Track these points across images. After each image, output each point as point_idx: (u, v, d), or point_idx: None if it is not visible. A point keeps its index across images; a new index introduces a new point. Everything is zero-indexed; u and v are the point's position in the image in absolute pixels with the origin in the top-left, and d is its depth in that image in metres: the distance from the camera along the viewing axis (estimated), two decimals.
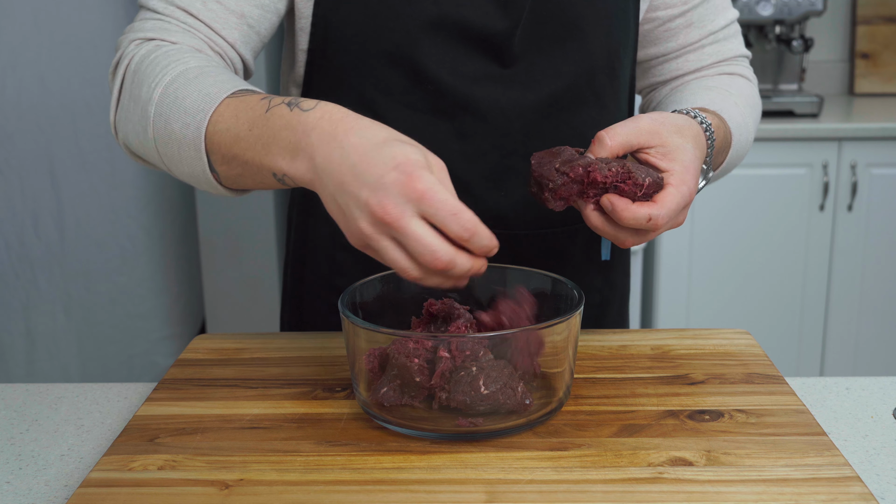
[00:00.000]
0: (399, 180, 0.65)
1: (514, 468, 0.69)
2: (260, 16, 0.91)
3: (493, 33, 0.92)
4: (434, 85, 0.92)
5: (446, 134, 0.94)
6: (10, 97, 2.06)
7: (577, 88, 0.95)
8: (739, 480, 0.66)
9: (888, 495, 0.69)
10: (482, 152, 0.95)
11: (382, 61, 0.92)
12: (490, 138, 0.94)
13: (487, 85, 0.93)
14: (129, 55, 0.86)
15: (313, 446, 0.72)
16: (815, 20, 2.73)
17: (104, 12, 2.09)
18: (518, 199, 0.96)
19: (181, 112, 0.78)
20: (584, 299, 0.77)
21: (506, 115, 0.94)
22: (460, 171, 0.94)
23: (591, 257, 1.02)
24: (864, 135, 2.29)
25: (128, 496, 0.66)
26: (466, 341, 0.72)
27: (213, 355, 0.91)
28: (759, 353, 0.89)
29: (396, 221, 0.65)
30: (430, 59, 0.91)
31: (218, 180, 0.80)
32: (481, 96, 0.93)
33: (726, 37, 1.06)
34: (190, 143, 0.78)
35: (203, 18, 0.88)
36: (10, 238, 2.13)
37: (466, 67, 0.93)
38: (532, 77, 0.94)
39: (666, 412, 0.77)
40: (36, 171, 2.11)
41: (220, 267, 2.24)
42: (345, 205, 0.68)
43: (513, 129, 0.95)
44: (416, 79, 0.92)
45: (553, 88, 0.94)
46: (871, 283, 2.38)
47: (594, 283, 1.03)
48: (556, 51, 0.94)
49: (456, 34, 0.92)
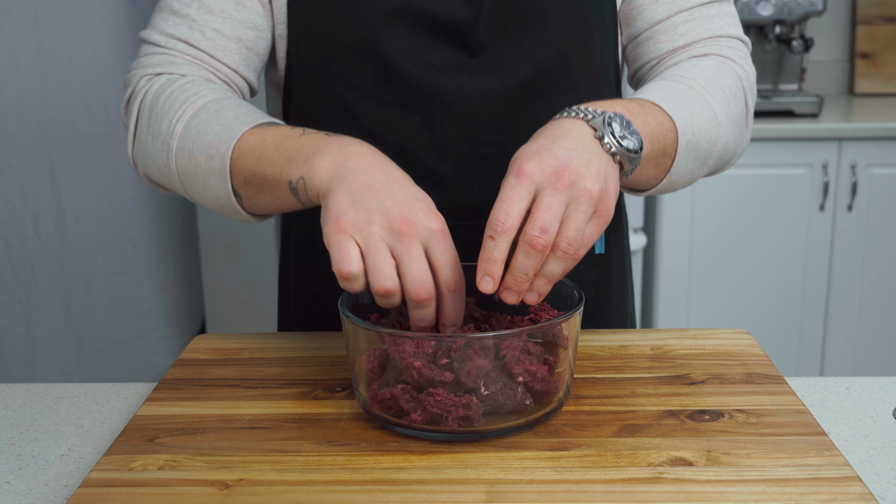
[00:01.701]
0: (425, 209, 0.71)
1: (514, 468, 0.69)
2: (255, 37, 0.95)
3: (457, 21, 0.91)
4: (399, 76, 0.92)
5: (415, 126, 0.93)
6: (10, 97, 2.06)
7: (548, 73, 0.94)
8: (739, 480, 0.66)
9: (888, 495, 0.69)
10: (453, 142, 0.94)
11: (349, 57, 0.92)
12: (460, 128, 0.93)
13: (454, 74, 0.92)
14: (142, 91, 0.90)
15: (313, 446, 0.72)
16: (815, 20, 2.73)
17: (104, 12, 2.09)
18: (494, 190, 0.89)
19: (205, 146, 0.82)
20: (584, 299, 0.77)
21: (474, 103, 0.93)
22: (432, 162, 0.94)
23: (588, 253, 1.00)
24: (864, 135, 2.29)
25: (128, 496, 0.66)
26: (468, 341, 0.72)
27: (213, 355, 0.91)
28: (759, 353, 0.89)
29: (410, 237, 0.69)
30: (393, 51, 0.91)
31: (241, 205, 0.83)
32: (448, 86, 0.92)
33: (705, 16, 0.96)
34: (215, 173, 0.82)
35: (204, 48, 0.92)
36: (10, 238, 2.13)
37: (432, 57, 0.92)
38: (500, 64, 0.93)
39: (666, 412, 0.77)
40: (36, 171, 2.11)
41: (220, 267, 2.24)
42: (364, 203, 0.70)
43: (483, 118, 0.94)
44: (382, 71, 0.92)
45: (522, 74, 0.93)
46: (871, 283, 2.38)
47: (588, 277, 1.02)
48: (523, 36, 0.93)
49: (419, 24, 0.91)
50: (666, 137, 0.83)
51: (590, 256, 1.02)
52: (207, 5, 0.92)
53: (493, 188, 0.93)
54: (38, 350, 2.22)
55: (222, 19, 0.92)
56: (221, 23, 0.92)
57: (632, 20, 0.99)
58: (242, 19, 0.93)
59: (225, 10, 0.92)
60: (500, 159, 0.92)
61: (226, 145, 0.81)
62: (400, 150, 0.93)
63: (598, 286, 1.03)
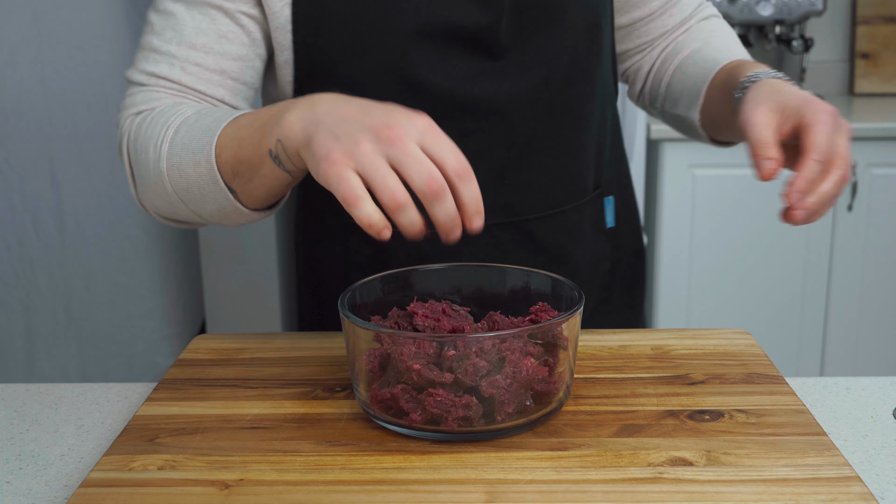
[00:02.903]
0: (406, 111, 0.70)
1: (514, 468, 0.69)
2: (241, 67, 0.93)
3: (480, 28, 0.92)
4: (430, 91, 0.92)
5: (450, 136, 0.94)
6: (10, 97, 2.06)
7: (564, 68, 0.96)
8: (739, 480, 0.66)
9: (888, 495, 0.69)
10: (487, 148, 0.95)
11: (374, 77, 0.92)
12: (493, 134, 0.95)
13: (481, 81, 0.94)
14: (127, 131, 0.90)
15: (313, 446, 0.72)
16: (815, 20, 2.73)
17: (104, 12, 2.09)
18: (522, 185, 0.98)
19: (190, 155, 0.82)
20: (584, 299, 0.77)
21: (503, 108, 0.95)
22: None
23: (599, 227, 1.05)
24: (864, 135, 2.29)
25: (128, 496, 0.66)
26: (470, 341, 0.72)
27: (213, 355, 0.91)
28: (759, 353, 0.89)
29: (401, 139, 0.68)
30: (421, 67, 0.92)
31: (240, 201, 0.83)
32: (477, 93, 0.93)
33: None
34: (205, 178, 0.82)
35: (186, 83, 0.91)
36: (10, 238, 2.13)
37: (458, 68, 0.93)
38: (522, 65, 0.94)
39: (666, 412, 0.77)
40: (36, 171, 2.11)
41: (220, 267, 2.24)
42: (346, 133, 0.69)
43: (513, 121, 0.95)
44: (411, 88, 0.92)
45: (541, 73, 0.95)
46: (871, 283, 2.38)
47: (603, 251, 1.06)
48: (541, 35, 0.94)
49: (444, 37, 0.92)
50: None
51: (602, 231, 1.06)
52: (188, 40, 0.91)
53: (522, 183, 0.98)
54: (38, 350, 2.22)
55: (204, 53, 0.91)
56: (203, 57, 0.91)
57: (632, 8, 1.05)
58: (225, 52, 0.92)
59: (206, 45, 0.91)
60: (532, 158, 0.97)
61: (208, 146, 0.81)
62: None
63: (611, 258, 1.08)
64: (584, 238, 1.03)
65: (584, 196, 1.02)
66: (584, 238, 1.03)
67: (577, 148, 1.00)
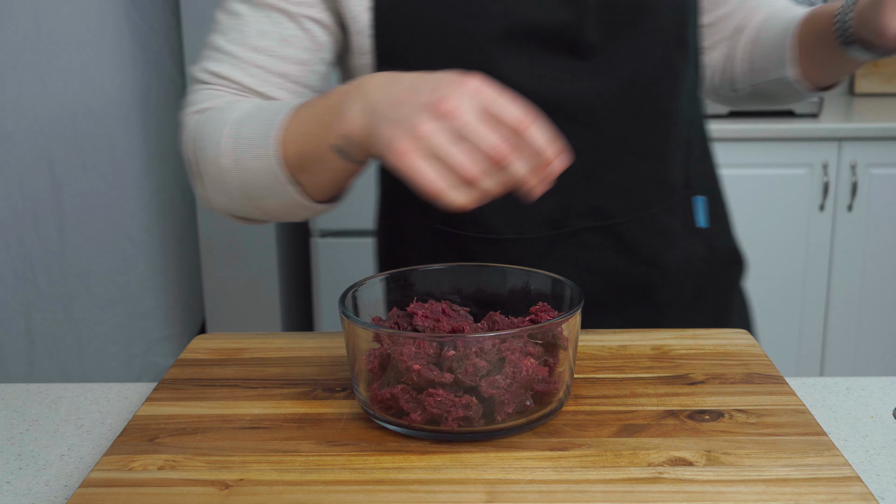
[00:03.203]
0: (453, 79, 0.70)
1: (514, 468, 0.69)
2: (302, 71, 0.93)
3: (562, 25, 0.91)
4: (516, 92, 0.92)
5: None
6: (10, 97, 2.06)
7: (652, 66, 0.95)
8: (739, 480, 0.66)
9: (888, 495, 0.69)
10: (577, 150, 0.94)
11: None
12: (580, 135, 0.93)
13: (569, 82, 0.92)
14: (189, 129, 0.91)
15: (313, 446, 0.72)
16: None
17: (104, 12, 2.09)
18: (611, 187, 0.96)
19: (252, 149, 0.83)
20: (584, 299, 0.77)
21: (592, 108, 0.93)
22: None
23: (691, 227, 1.03)
24: (864, 135, 2.29)
25: (128, 496, 0.66)
26: (470, 341, 0.72)
27: (213, 355, 0.91)
28: (759, 353, 0.89)
29: (456, 111, 0.68)
30: (506, 70, 0.90)
31: (305, 194, 0.84)
32: (565, 95, 0.92)
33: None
34: (268, 173, 0.82)
35: (249, 84, 0.92)
36: (10, 238, 2.13)
37: (544, 69, 0.92)
38: (610, 65, 0.93)
39: (666, 412, 0.77)
40: (36, 171, 2.11)
41: (220, 267, 2.24)
42: (403, 117, 0.70)
43: (600, 122, 0.94)
44: None
45: (630, 71, 0.94)
46: (871, 283, 2.38)
47: (697, 251, 1.04)
48: (629, 33, 0.93)
49: (528, 38, 0.91)
50: None
51: (695, 231, 1.03)
52: (251, 42, 0.91)
53: (612, 185, 0.97)
54: (38, 350, 2.22)
55: (266, 56, 0.92)
56: (265, 59, 0.92)
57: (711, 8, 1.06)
58: (288, 56, 0.92)
59: (269, 48, 0.92)
60: (620, 159, 0.96)
61: (270, 141, 0.82)
62: None
63: (707, 260, 1.05)
64: (676, 239, 1.01)
65: (673, 196, 1.00)
66: (675, 239, 1.01)
67: (664, 147, 0.98)
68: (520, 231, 0.96)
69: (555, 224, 0.97)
